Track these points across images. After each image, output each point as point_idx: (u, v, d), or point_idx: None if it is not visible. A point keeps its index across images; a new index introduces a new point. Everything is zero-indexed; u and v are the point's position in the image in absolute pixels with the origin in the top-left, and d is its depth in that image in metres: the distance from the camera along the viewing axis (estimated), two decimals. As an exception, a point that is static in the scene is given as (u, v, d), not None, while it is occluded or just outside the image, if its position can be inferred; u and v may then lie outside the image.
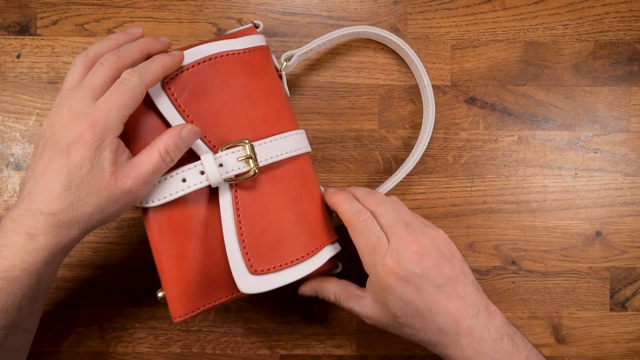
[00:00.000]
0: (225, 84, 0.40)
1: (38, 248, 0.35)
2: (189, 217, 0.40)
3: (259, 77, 0.42)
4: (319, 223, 0.43)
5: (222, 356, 0.50)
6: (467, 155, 0.51)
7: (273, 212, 0.41)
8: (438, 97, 0.51)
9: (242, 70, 0.41)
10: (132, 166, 0.37)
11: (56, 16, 0.50)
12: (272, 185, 0.41)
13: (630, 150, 0.51)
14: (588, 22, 0.51)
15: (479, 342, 0.38)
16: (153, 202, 0.39)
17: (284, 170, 0.42)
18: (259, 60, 0.42)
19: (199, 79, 0.40)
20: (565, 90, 0.51)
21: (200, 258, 0.40)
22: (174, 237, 0.40)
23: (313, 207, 0.43)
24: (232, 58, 0.41)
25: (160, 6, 0.51)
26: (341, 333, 0.51)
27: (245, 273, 0.39)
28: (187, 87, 0.39)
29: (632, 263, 0.51)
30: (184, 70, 0.40)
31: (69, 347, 0.50)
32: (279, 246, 0.40)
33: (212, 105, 0.40)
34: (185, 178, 0.39)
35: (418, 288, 0.38)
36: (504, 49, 0.51)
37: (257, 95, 0.41)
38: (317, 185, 0.44)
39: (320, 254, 0.42)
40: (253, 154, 0.39)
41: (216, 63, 0.40)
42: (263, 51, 0.43)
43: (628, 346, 0.51)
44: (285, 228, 0.41)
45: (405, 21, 0.51)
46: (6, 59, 0.50)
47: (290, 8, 0.51)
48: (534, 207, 0.51)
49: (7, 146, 0.50)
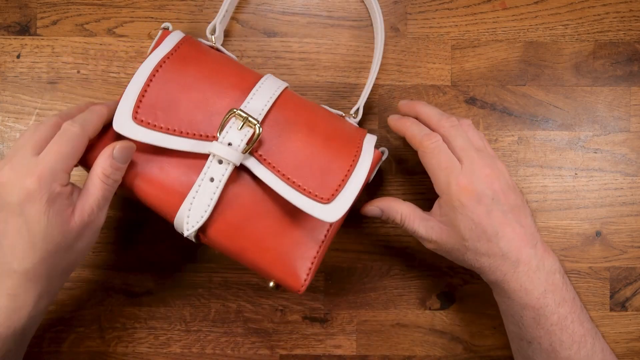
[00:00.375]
0: (182, 83, 0.41)
1: (22, 305, 0.36)
2: (241, 207, 0.40)
3: (202, 61, 0.42)
4: (342, 129, 0.43)
5: (222, 356, 0.50)
6: (467, 155, 0.51)
7: (302, 149, 0.41)
8: (438, 97, 0.51)
9: (185, 64, 0.42)
10: (84, 200, 0.38)
11: (56, 16, 0.50)
12: (283, 131, 0.41)
13: (630, 150, 0.51)
14: (588, 22, 0.51)
15: (535, 271, 0.40)
16: (202, 218, 0.39)
17: (282, 113, 0.42)
18: (191, 50, 0.43)
19: (158, 94, 0.40)
20: (565, 90, 0.51)
21: (276, 232, 0.40)
22: (242, 233, 0.40)
23: (327, 120, 0.43)
24: (169, 62, 0.41)
25: (160, 6, 0.51)
26: (341, 333, 0.51)
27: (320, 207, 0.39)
28: (156, 107, 0.40)
29: (632, 263, 0.51)
30: (142, 97, 0.40)
31: (69, 347, 0.50)
32: (329, 171, 0.40)
33: (185, 107, 0.40)
34: (212, 177, 0.39)
35: (488, 210, 0.40)
36: (504, 49, 0.51)
37: (212, 74, 0.42)
38: (313, 103, 0.45)
39: (364, 152, 0.42)
40: (247, 115, 0.39)
41: (162, 74, 0.41)
42: (187, 41, 0.43)
43: (628, 346, 0.51)
44: (321, 153, 0.41)
45: (405, 21, 0.51)
46: (6, 59, 0.50)
47: (290, 8, 0.51)
48: (534, 207, 0.51)
49: (7, 146, 0.50)
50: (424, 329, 0.51)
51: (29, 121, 0.50)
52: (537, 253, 0.40)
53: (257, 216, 0.40)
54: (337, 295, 0.51)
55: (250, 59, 0.51)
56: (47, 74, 0.50)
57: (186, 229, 0.39)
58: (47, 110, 0.50)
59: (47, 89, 0.50)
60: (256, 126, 0.39)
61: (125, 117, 0.39)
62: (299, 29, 0.51)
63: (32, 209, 0.35)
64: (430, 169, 0.42)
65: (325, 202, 0.39)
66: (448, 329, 0.51)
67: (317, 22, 0.51)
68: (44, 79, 0.50)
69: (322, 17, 0.51)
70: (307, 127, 0.42)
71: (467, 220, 0.40)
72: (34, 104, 0.50)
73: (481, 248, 0.40)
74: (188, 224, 0.39)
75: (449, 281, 0.51)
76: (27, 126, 0.50)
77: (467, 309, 0.51)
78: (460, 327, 0.51)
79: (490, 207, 0.40)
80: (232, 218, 0.40)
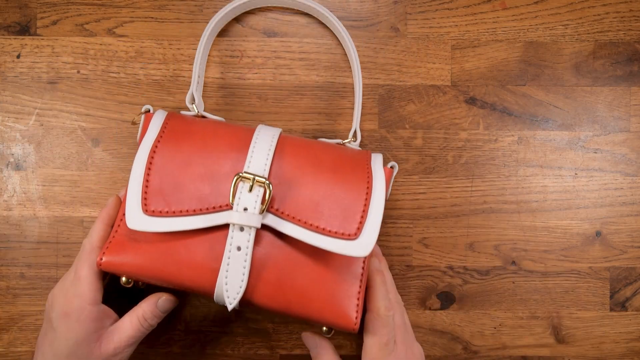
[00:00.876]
0: (180, 162, 0.40)
1: None
2: (275, 265, 0.40)
3: (192, 133, 0.42)
4: (346, 157, 0.43)
5: (222, 356, 0.50)
6: (467, 155, 0.51)
7: (315, 191, 0.40)
8: (438, 97, 0.51)
9: (177, 142, 0.41)
10: (115, 331, 0.41)
11: (56, 16, 0.50)
12: (292, 179, 0.41)
13: (630, 150, 0.51)
14: (588, 22, 0.51)
15: None
16: (241, 288, 0.39)
17: (285, 160, 0.41)
18: (178, 126, 0.42)
19: (161, 180, 0.40)
20: (565, 90, 0.51)
21: (316, 280, 0.40)
22: (284, 291, 0.40)
23: (329, 153, 0.43)
24: (161, 145, 0.41)
25: (160, 6, 0.51)
26: (341, 333, 0.51)
27: (350, 244, 0.39)
28: (162, 193, 0.40)
29: (632, 263, 0.51)
30: (146, 189, 0.40)
31: (69, 347, 0.50)
32: (347, 205, 0.40)
33: (190, 184, 0.40)
34: (239, 245, 0.39)
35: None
36: (504, 49, 0.51)
37: (206, 144, 0.41)
38: (310, 140, 0.44)
39: (375, 175, 0.42)
40: (253, 176, 0.39)
41: (158, 159, 0.40)
42: (172, 118, 0.43)
43: (628, 346, 0.51)
44: (334, 188, 0.41)
45: (405, 21, 0.51)
46: (6, 59, 0.50)
47: (290, 8, 0.51)
48: (534, 207, 0.51)
49: (7, 146, 0.50)
50: (424, 329, 0.51)
51: (29, 121, 0.50)
52: None
53: (293, 269, 0.40)
54: (337, 295, 0.51)
55: (250, 59, 0.51)
56: (47, 74, 0.50)
57: (229, 303, 0.39)
58: (47, 110, 0.50)
59: (47, 89, 0.50)
60: (265, 183, 0.39)
61: (136, 213, 0.39)
62: (299, 29, 0.51)
63: (63, 327, 0.39)
64: (369, 337, 0.41)
65: (353, 238, 0.39)
66: (448, 329, 0.51)
67: (317, 22, 0.51)
68: (44, 79, 0.50)
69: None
70: (313, 167, 0.41)
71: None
72: (34, 104, 0.50)
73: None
74: (229, 297, 0.39)
75: (449, 281, 0.51)
76: (27, 126, 0.50)
77: (467, 309, 0.51)
78: (460, 327, 0.51)
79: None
80: (269, 277, 0.40)
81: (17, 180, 0.50)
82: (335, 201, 0.40)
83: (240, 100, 0.51)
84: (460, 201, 0.51)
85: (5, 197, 0.50)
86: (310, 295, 0.40)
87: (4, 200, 0.50)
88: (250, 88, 0.51)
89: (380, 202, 0.40)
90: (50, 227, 0.50)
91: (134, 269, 0.40)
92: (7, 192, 0.50)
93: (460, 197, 0.51)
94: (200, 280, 0.40)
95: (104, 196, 0.50)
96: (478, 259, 0.51)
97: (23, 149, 0.50)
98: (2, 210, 0.50)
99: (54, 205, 0.50)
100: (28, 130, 0.50)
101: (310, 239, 0.39)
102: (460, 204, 0.51)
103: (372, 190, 0.41)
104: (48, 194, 0.50)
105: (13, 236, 0.50)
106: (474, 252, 0.51)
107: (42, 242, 0.50)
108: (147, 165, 0.40)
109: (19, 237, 0.50)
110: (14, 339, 0.50)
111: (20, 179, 0.50)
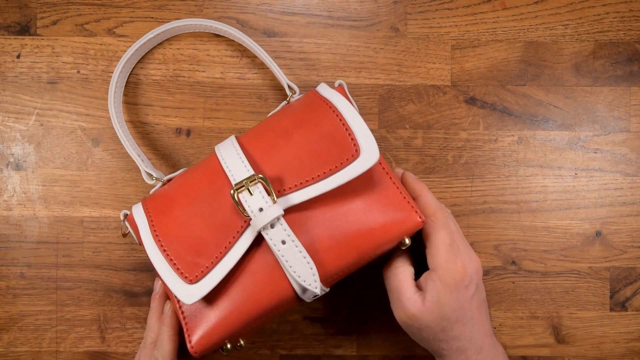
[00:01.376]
0: (182, 224, 0.41)
1: None
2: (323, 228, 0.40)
3: (171, 200, 0.42)
4: (303, 106, 0.43)
5: (222, 356, 0.50)
6: (467, 155, 0.51)
7: (292, 148, 0.40)
8: (438, 97, 0.51)
9: (165, 214, 0.41)
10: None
11: (56, 16, 0.50)
12: (269, 155, 0.41)
13: (630, 150, 0.51)
14: (588, 22, 0.51)
15: (493, 358, 0.41)
16: (313, 270, 0.39)
17: (253, 148, 0.42)
18: (156, 204, 0.42)
19: (181, 250, 0.40)
20: (565, 90, 0.51)
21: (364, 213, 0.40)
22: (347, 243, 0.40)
23: (283, 115, 0.43)
24: (157, 225, 0.41)
25: (160, 6, 0.51)
26: (341, 333, 0.51)
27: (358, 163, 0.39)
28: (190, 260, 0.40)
29: (632, 263, 0.51)
30: (175, 266, 0.40)
31: (69, 347, 0.50)
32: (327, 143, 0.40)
33: (204, 231, 0.40)
34: (282, 239, 0.39)
35: (471, 296, 0.41)
36: (504, 49, 0.51)
37: (189, 197, 0.42)
38: (260, 123, 0.44)
39: (333, 99, 0.42)
40: (242, 181, 0.39)
41: (163, 238, 0.41)
42: (149, 203, 0.43)
43: (628, 346, 0.51)
44: (306, 135, 0.41)
45: (405, 21, 0.51)
46: (6, 59, 0.50)
47: (290, 8, 0.51)
48: (534, 207, 0.51)
49: (7, 146, 0.50)
50: (424, 329, 0.51)
51: (29, 121, 0.50)
52: (494, 342, 0.42)
53: (336, 222, 0.40)
54: (337, 295, 0.51)
55: (250, 59, 0.51)
56: (47, 74, 0.50)
57: (314, 288, 0.39)
58: (47, 110, 0.50)
59: (47, 89, 0.50)
60: (258, 177, 0.39)
61: (185, 288, 0.39)
62: (299, 29, 0.51)
63: None
64: (433, 240, 0.41)
65: (356, 156, 0.39)
66: (448, 329, 0.51)
67: (317, 22, 0.51)
68: (44, 79, 0.50)
69: (322, 17, 0.51)
70: (281, 137, 0.41)
71: (454, 300, 0.40)
72: (34, 104, 0.50)
73: (455, 330, 0.40)
74: (310, 285, 0.39)
75: (449, 281, 0.51)
76: (27, 126, 0.50)
77: (467, 309, 0.51)
78: (460, 327, 0.51)
79: (473, 293, 0.41)
80: (326, 244, 0.40)
81: (17, 180, 0.50)
82: (320, 142, 0.40)
83: (240, 100, 0.51)
84: (460, 201, 0.51)
85: (5, 197, 0.50)
86: (367, 229, 0.40)
87: (4, 200, 0.50)
88: (250, 88, 0.51)
89: (353, 113, 0.40)
90: (50, 227, 0.50)
91: (221, 332, 0.40)
92: (7, 192, 0.50)
93: (460, 197, 0.51)
94: (278, 293, 0.40)
95: (104, 196, 0.50)
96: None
97: (23, 149, 0.50)
98: (2, 210, 0.50)
99: (54, 205, 0.50)
100: (28, 130, 0.50)
101: (327, 186, 0.39)
102: (460, 204, 0.51)
103: (339, 109, 0.41)
104: (48, 194, 0.50)
105: (13, 236, 0.50)
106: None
107: (42, 242, 0.50)
108: (160, 250, 0.40)
109: (19, 237, 0.50)
110: (14, 339, 0.50)
111: (20, 179, 0.50)
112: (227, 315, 0.39)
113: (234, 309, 0.39)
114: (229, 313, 0.39)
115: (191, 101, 0.51)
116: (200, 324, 0.40)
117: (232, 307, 0.40)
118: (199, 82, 0.51)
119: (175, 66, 0.50)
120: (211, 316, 0.40)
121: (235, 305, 0.40)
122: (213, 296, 0.40)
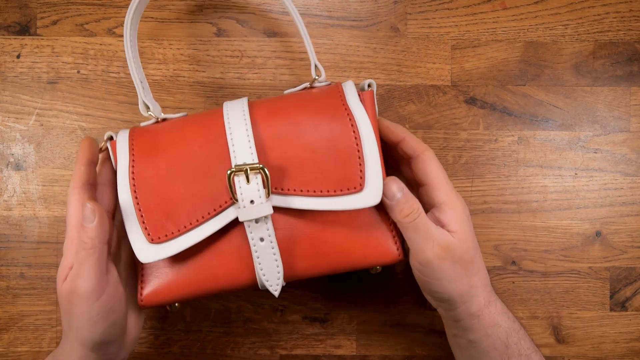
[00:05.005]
0: (163, 179, 0.39)
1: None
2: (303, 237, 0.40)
3: (161, 144, 0.40)
4: (318, 100, 0.42)
5: (222, 356, 0.50)
6: (467, 155, 0.51)
7: (303, 153, 0.39)
8: (438, 97, 0.51)
9: (151, 160, 0.39)
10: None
11: (56, 16, 0.50)
12: (279, 149, 0.39)
13: (630, 150, 0.51)
14: (588, 22, 0.51)
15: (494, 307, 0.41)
16: (279, 273, 0.39)
17: (264, 131, 0.40)
18: (144, 141, 0.41)
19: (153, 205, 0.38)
20: (565, 90, 0.51)
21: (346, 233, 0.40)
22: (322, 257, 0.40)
23: (300, 103, 0.41)
24: (137, 167, 0.39)
25: (160, 6, 0.51)
26: (341, 333, 0.51)
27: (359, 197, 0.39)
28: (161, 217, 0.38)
29: (632, 263, 0.51)
30: (142, 219, 0.38)
31: (69, 347, 0.50)
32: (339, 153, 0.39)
33: (184, 196, 0.38)
34: (261, 237, 0.38)
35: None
36: (504, 49, 0.51)
37: (180, 150, 0.39)
38: (275, 98, 0.43)
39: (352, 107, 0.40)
40: (244, 166, 0.37)
41: (140, 183, 0.39)
42: (135, 135, 0.41)
43: (628, 346, 0.51)
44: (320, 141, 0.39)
45: (405, 21, 0.51)
46: (6, 59, 0.50)
47: (290, 8, 0.51)
48: (534, 207, 0.51)
49: (7, 146, 0.50)
50: (424, 329, 0.51)
51: (29, 121, 0.50)
52: (493, 291, 0.42)
53: (320, 233, 0.40)
54: (337, 295, 0.51)
55: (250, 59, 0.51)
56: (47, 74, 0.50)
57: (273, 290, 0.39)
58: (47, 110, 0.50)
59: (47, 89, 0.50)
60: (259, 168, 0.37)
61: (145, 246, 0.38)
62: (299, 29, 0.51)
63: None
64: (434, 175, 0.41)
65: (359, 190, 0.38)
66: (448, 329, 0.51)
67: (317, 22, 0.51)
68: (44, 79, 0.50)
69: (322, 17, 0.51)
70: (292, 126, 0.39)
71: (471, 229, 0.40)
72: (34, 104, 0.50)
73: (479, 262, 0.40)
74: (272, 286, 0.39)
75: (449, 281, 0.51)
76: (27, 126, 0.50)
77: (467, 309, 0.51)
78: (460, 327, 0.51)
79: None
80: (303, 252, 0.40)
81: (17, 180, 0.50)
82: (330, 158, 0.39)
83: (240, 100, 0.51)
84: (460, 201, 0.51)
85: (5, 197, 0.50)
86: (347, 249, 0.40)
87: (4, 200, 0.50)
88: (250, 88, 0.51)
89: (373, 143, 0.39)
90: (50, 227, 0.50)
91: (172, 295, 0.40)
92: (7, 192, 0.50)
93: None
94: (239, 280, 0.40)
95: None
96: (478, 259, 0.51)
97: (23, 149, 0.50)
98: (2, 210, 0.50)
99: (54, 205, 0.50)
100: (28, 130, 0.50)
101: (320, 205, 0.38)
102: (460, 204, 0.51)
103: (360, 131, 0.39)
104: (48, 194, 0.50)
105: (13, 236, 0.50)
106: (474, 252, 0.51)
107: (42, 242, 0.50)
108: (133, 195, 0.38)
109: (19, 237, 0.50)
110: (14, 339, 0.50)
111: (20, 179, 0.50)
112: (184, 284, 0.39)
113: (192, 280, 0.39)
114: (186, 282, 0.39)
115: (191, 101, 0.51)
116: (155, 280, 0.40)
117: (191, 277, 0.39)
118: (199, 82, 0.51)
119: (175, 66, 0.50)
120: (169, 277, 0.39)
121: (194, 277, 0.39)
122: (175, 259, 0.39)
